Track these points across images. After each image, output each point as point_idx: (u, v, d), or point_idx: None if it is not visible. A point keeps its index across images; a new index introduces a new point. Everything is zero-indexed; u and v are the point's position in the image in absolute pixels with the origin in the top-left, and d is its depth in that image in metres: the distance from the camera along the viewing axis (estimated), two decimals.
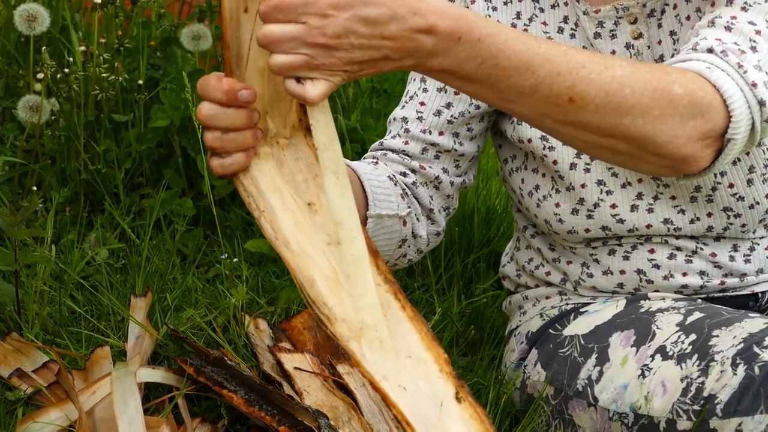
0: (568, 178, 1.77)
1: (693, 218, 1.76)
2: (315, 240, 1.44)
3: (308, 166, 1.49)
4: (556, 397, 1.79)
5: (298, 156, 1.49)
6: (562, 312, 1.85)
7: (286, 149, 1.49)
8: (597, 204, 1.77)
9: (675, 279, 1.78)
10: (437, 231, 1.85)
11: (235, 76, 1.42)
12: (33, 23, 2.34)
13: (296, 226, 1.44)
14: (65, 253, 2.17)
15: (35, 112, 2.35)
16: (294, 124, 1.49)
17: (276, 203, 1.45)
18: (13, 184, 2.39)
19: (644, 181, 1.76)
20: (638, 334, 1.71)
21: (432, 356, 1.41)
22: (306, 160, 1.49)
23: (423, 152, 1.82)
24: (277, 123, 1.48)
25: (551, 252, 1.86)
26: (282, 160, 1.48)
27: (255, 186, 1.45)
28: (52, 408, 1.63)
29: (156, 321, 1.93)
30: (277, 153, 1.48)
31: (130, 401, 1.61)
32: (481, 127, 1.85)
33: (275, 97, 1.46)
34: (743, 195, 1.76)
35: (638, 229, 1.77)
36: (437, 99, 1.82)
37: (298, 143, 1.49)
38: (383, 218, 1.72)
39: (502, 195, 2.59)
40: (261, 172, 1.46)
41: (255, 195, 1.45)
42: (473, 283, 2.35)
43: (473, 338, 2.16)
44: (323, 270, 1.42)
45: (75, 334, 1.91)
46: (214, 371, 1.65)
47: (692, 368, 1.62)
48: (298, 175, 1.48)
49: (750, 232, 1.79)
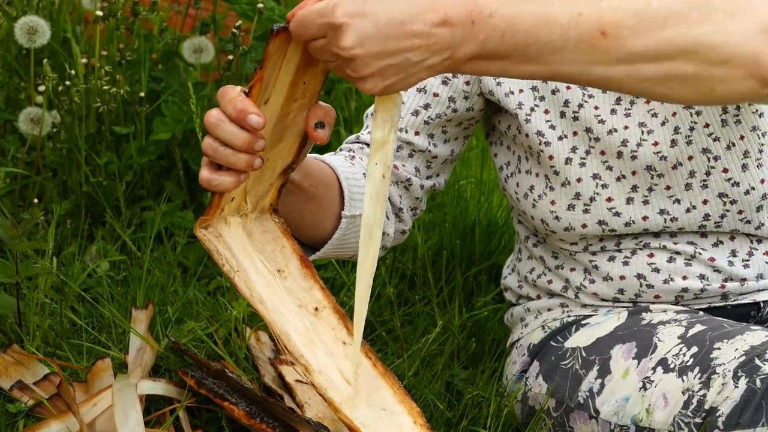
0: (563, 173, 1.77)
1: (689, 207, 1.76)
2: (287, 302, 1.52)
3: (275, 239, 1.58)
4: (557, 409, 1.79)
5: (266, 229, 1.57)
6: (563, 324, 1.85)
7: (254, 222, 1.56)
8: (593, 198, 1.77)
9: (675, 282, 1.78)
10: (404, 229, 1.86)
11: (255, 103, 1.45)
12: (33, 36, 2.34)
13: (268, 288, 1.53)
14: (66, 266, 2.17)
15: (36, 124, 2.36)
16: (264, 208, 1.58)
17: (249, 266, 1.53)
18: (14, 196, 2.39)
19: (638, 174, 1.76)
20: (640, 347, 1.71)
21: (405, 409, 1.49)
22: (273, 234, 1.58)
23: (398, 150, 1.83)
24: (251, 202, 1.55)
25: (554, 260, 1.86)
26: (251, 231, 1.55)
27: (228, 250, 1.53)
28: (53, 420, 1.63)
29: (157, 333, 1.93)
30: (246, 224, 1.55)
31: (131, 413, 1.61)
32: (457, 131, 1.86)
33: (259, 178, 1.53)
34: (738, 180, 1.75)
35: (635, 222, 1.76)
36: (416, 99, 1.83)
37: (265, 219, 1.58)
38: (357, 218, 1.74)
39: (504, 208, 2.59)
40: (233, 238, 1.55)
41: (228, 257, 1.52)
42: (474, 295, 2.35)
43: (474, 351, 2.16)
44: (297, 328, 1.50)
45: (76, 347, 1.91)
46: (215, 383, 1.65)
47: (694, 381, 1.62)
48: (267, 246, 1.56)
49: (749, 222, 1.78)
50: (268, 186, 1.56)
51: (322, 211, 1.72)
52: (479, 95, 1.84)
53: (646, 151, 1.75)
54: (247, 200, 1.55)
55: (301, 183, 1.66)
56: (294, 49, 1.46)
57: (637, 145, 1.75)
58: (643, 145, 1.75)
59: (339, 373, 1.49)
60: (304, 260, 1.56)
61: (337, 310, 1.54)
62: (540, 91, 1.80)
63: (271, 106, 1.49)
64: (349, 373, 1.49)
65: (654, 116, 1.76)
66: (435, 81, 1.83)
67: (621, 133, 1.76)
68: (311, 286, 1.55)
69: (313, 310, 1.53)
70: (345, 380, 1.49)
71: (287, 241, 1.57)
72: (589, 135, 1.77)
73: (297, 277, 1.55)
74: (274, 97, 1.49)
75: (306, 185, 1.67)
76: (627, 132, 1.76)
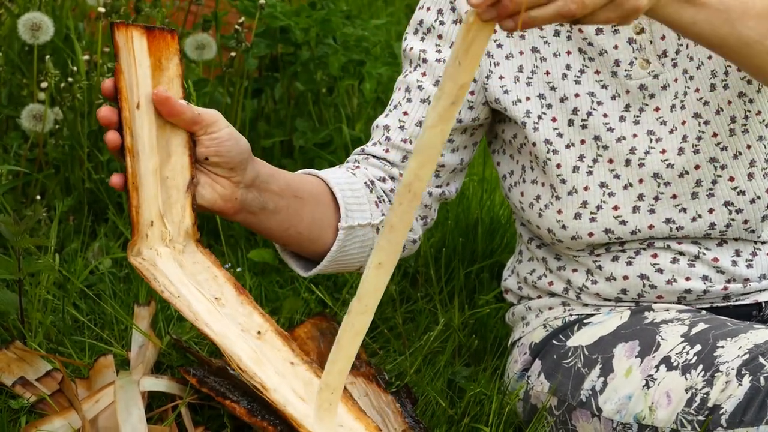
0: (571, 181, 1.77)
1: (695, 216, 1.76)
2: (230, 327, 1.52)
3: (206, 269, 1.58)
4: (559, 407, 1.79)
5: (195, 260, 1.57)
6: (565, 323, 1.85)
7: (183, 254, 1.56)
8: (600, 206, 1.77)
9: (678, 283, 1.78)
10: (413, 239, 1.85)
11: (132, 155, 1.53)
12: (37, 32, 2.34)
13: (210, 314, 1.53)
14: (69, 262, 2.17)
15: (39, 121, 2.36)
16: (187, 230, 1.58)
17: (187, 293, 1.54)
18: (16, 193, 2.39)
19: (645, 182, 1.76)
20: (642, 345, 1.71)
21: (363, 425, 1.51)
22: (203, 264, 1.59)
23: (403, 160, 1.82)
24: (172, 228, 1.56)
25: (556, 261, 1.86)
26: (182, 263, 1.56)
27: (166, 278, 1.53)
28: (55, 416, 1.63)
29: (159, 330, 1.93)
30: (176, 256, 1.56)
31: (134, 410, 1.61)
32: (464, 139, 1.85)
33: (167, 201, 1.55)
34: (744, 189, 1.75)
35: (641, 231, 1.76)
36: (420, 110, 1.83)
37: (193, 250, 1.57)
38: (355, 228, 1.73)
39: (506, 206, 2.59)
40: (167, 268, 1.55)
41: (167, 285, 1.53)
42: (476, 293, 2.35)
43: (476, 348, 2.16)
44: (244, 350, 1.50)
45: (78, 343, 1.91)
46: (216, 381, 1.65)
47: (697, 379, 1.62)
48: (199, 276, 1.56)
49: (753, 231, 1.78)
50: (180, 208, 1.56)
51: (316, 225, 1.72)
52: (484, 104, 1.84)
53: (653, 159, 1.75)
54: (166, 224, 1.54)
55: (282, 195, 1.66)
56: (141, 49, 1.51)
57: (645, 153, 1.75)
58: (651, 153, 1.75)
59: (293, 392, 1.50)
60: (238, 287, 1.56)
61: (280, 332, 1.54)
62: (547, 99, 1.79)
63: (144, 113, 1.53)
64: (302, 391, 1.50)
65: (663, 124, 1.76)
66: None
67: (630, 141, 1.76)
68: (250, 312, 1.55)
69: (256, 334, 1.53)
70: (300, 398, 1.49)
71: (219, 270, 1.57)
72: (598, 143, 1.77)
73: (234, 304, 1.55)
74: (144, 103, 1.52)
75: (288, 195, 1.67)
76: (636, 140, 1.76)
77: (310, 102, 2.70)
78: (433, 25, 1.84)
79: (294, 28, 2.59)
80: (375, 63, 2.71)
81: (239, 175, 1.59)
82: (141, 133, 1.52)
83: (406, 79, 1.85)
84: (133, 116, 1.52)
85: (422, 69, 1.84)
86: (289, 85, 2.72)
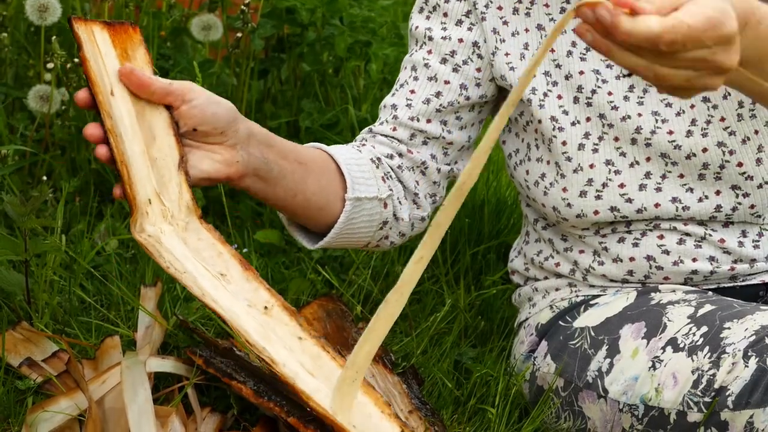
0: (576, 159, 1.77)
1: (701, 197, 1.76)
2: (236, 302, 1.52)
3: (211, 245, 1.57)
4: (566, 389, 1.79)
5: (200, 237, 1.57)
6: (572, 304, 1.85)
7: (186, 232, 1.56)
8: (605, 184, 1.76)
9: (685, 264, 1.78)
10: (422, 216, 1.85)
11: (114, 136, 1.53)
12: (44, 13, 2.33)
13: (216, 290, 1.52)
14: (75, 243, 2.17)
15: (45, 102, 2.35)
16: (188, 205, 1.57)
17: (192, 269, 1.53)
18: (23, 173, 2.39)
19: (652, 160, 1.75)
20: (649, 326, 1.71)
21: (371, 400, 1.51)
22: (207, 241, 1.58)
23: (411, 138, 1.82)
24: (171, 205, 1.55)
25: (563, 242, 1.86)
26: (185, 239, 1.55)
27: (170, 253, 1.52)
28: (62, 397, 1.63)
29: (166, 311, 1.93)
30: (180, 233, 1.55)
31: (140, 391, 1.61)
32: (472, 116, 1.85)
33: (161, 180, 1.55)
34: (752, 174, 1.75)
35: (647, 209, 1.76)
36: (427, 87, 1.82)
37: (197, 227, 1.57)
38: (362, 201, 1.74)
39: (512, 187, 2.58)
40: (172, 245, 1.54)
41: (173, 261, 1.52)
42: (483, 274, 2.34)
43: (483, 329, 2.16)
44: (252, 325, 1.50)
45: (85, 324, 1.92)
46: (223, 362, 1.65)
47: (703, 360, 1.62)
48: (203, 253, 1.55)
49: (759, 216, 1.78)
50: (176, 185, 1.56)
51: (323, 193, 1.72)
52: (491, 81, 1.83)
53: (660, 138, 1.74)
54: (164, 202, 1.55)
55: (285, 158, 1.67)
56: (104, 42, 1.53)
57: (651, 133, 1.75)
58: (658, 133, 1.75)
59: (301, 366, 1.50)
60: (244, 263, 1.56)
61: (287, 307, 1.54)
62: (553, 77, 1.79)
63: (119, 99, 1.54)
64: (310, 365, 1.50)
65: (668, 106, 1.75)
66: (446, 68, 1.82)
67: (635, 120, 1.75)
68: (256, 288, 1.55)
69: (263, 309, 1.53)
70: (308, 373, 1.49)
71: (224, 247, 1.57)
72: (603, 121, 1.76)
73: (240, 280, 1.55)
74: (118, 90, 1.54)
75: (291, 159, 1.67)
76: (641, 119, 1.75)
77: (317, 83, 2.70)
78: (439, 3, 1.84)
79: (300, 9, 2.58)
80: (381, 44, 2.70)
81: (232, 137, 1.59)
82: (121, 117, 1.53)
83: (413, 57, 1.85)
84: (109, 102, 1.53)
85: (428, 47, 1.83)
86: (296, 66, 2.72)
